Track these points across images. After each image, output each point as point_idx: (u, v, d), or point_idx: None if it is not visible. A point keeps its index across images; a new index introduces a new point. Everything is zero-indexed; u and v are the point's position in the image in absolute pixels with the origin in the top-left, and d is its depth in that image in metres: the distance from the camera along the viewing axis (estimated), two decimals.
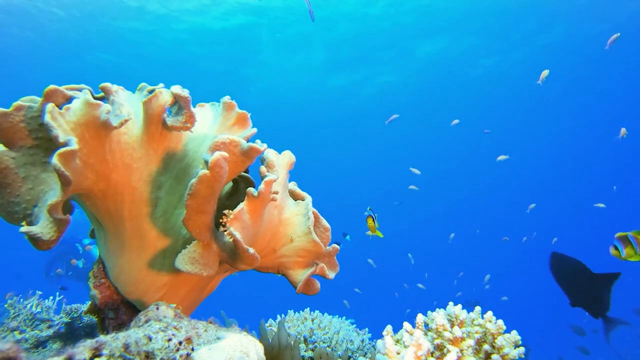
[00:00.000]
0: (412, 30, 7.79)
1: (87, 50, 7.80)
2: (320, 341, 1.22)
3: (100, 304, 0.76)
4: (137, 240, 0.74)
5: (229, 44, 7.94)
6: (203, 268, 0.65)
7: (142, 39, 7.53)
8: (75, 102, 0.64)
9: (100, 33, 7.18)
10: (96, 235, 0.81)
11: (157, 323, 0.57)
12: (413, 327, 0.75)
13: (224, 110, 0.81)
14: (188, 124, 0.71)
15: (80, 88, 0.71)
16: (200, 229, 0.64)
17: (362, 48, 8.37)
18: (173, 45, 7.80)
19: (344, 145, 13.03)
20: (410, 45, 8.35)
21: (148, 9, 6.69)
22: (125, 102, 0.74)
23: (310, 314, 1.35)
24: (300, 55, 8.62)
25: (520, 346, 0.71)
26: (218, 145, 0.64)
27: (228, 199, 0.88)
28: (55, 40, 7.26)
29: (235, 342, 0.56)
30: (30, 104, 0.68)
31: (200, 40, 7.73)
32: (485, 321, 0.76)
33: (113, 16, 6.80)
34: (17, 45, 7.23)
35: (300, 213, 0.83)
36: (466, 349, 0.71)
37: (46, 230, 0.58)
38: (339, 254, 0.86)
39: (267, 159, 0.76)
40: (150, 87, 0.74)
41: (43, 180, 0.67)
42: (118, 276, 0.75)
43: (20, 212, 0.66)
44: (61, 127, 0.59)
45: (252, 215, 0.68)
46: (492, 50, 8.51)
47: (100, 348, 0.46)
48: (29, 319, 1.50)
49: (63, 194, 0.58)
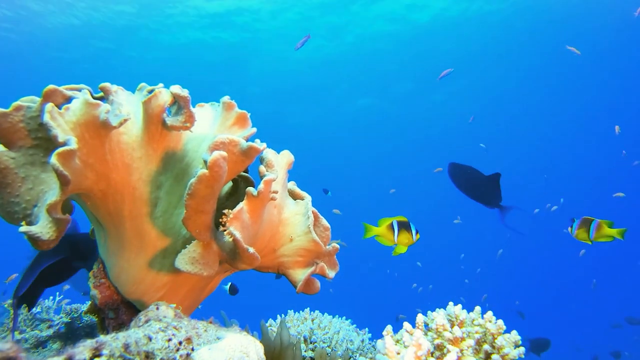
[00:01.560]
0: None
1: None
2: (320, 341, 1.22)
3: (100, 304, 0.76)
4: (137, 240, 0.74)
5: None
6: (203, 268, 0.65)
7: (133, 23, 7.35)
8: (74, 102, 0.64)
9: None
10: (96, 235, 0.81)
11: (157, 323, 0.57)
12: (413, 327, 0.75)
13: (223, 110, 0.81)
14: (188, 123, 0.71)
15: (79, 88, 0.71)
16: (200, 228, 0.64)
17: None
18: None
19: (343, 145, 13.04)
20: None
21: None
22: (125, 102, 0.74)
23: (310, 314, 1.35)
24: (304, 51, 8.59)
25: (520, 346, 0.71)
26: (217, 144, 0.64)
27: (228, 199, 0.88)
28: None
29: (236, 342, 0.56)
30: (30, 104, 0.67)
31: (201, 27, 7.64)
32: (485, 321, 0.76)
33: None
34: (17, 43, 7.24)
35: (299, 212, 0.83)
36: (466, 349, 0.71)
37: (45, 230, 0.58)
38: (338, 254, 0.86)
39: (266, 158, 0.75)
40: (149, 87, 0.74)
41: (43, 180, 0.67)
42: (118, 276, 0.75)
43: (19, 212, 0.66)
44: (60, 126, 0.59)
45: (251, 215, 0.68)
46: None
47: (100, 348, 0.46)
48: (29, 319, 1.50)
49: (62, 194, 0.58)
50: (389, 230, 1.36)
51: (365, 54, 8.99)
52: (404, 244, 1.36)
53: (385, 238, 1.37)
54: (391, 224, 1.37)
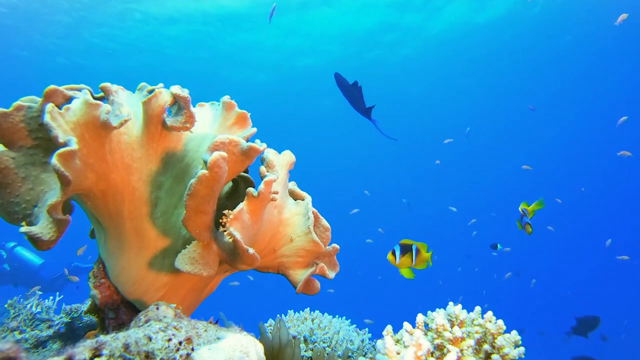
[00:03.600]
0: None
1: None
2: (320, 341, 1.22)
3: (100, 304, 0.76)
4: (137, 241, 0.74)
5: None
6: (203, 268, 0.65)
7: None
8: (75, 102, 0.64)
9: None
10: (96, 236, 0.81)
11: (157, 323, 0.57)
12: (413, 327, 0.75)
13: (223, 110, 0.81)
14: (188, 123, 0.71)
15: (79, 88, 0.71)
16: (200, 229, 0.64)
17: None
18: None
19: (343, 144, 13.04)
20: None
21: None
22: (125, 102, 0.74)
23: (310, 314, 1.35)
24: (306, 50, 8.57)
25: (520, 346, 0.71)
26: (217, 145, 0.64)
27: (228, 199, 0.88)
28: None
29: (235, 342, 0.56)
30: (30, 104, 0.68)
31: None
32: (485, 321, 0.76)
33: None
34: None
35: (300, 213, 0.83)
36: (466, 349, 0.71)
37: (46, 231, 0.58)
38: (338, 254, 0.86)
39: (266, 158, 0.76)
40: (150, 87, 0.74)
41: (43, 181, 0.67)
42: (118, 276, 0.75)
43: (20, 212, 0.66)
44: (61, 127, 0.59)
45: (252, 215, 0.68)
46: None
47: (100, 348, 0.46)
48: (29, 319, 1.50)
49: (62, 194, 0.58)
50: (393, 255, 1.42)
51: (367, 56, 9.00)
52: (406, 266, 1.40)
53: (392, 262, 1.42)
54: (393, 249, 1.42)
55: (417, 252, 1.40)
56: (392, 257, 1.40)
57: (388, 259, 1.41)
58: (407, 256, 1.39)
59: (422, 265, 1.41)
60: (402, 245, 1.41)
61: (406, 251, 1.40)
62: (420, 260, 1.40)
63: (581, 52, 8.57)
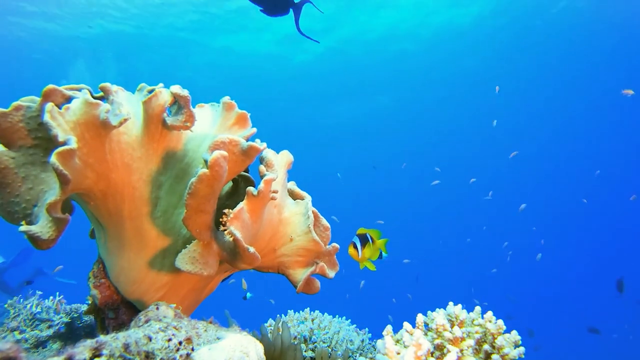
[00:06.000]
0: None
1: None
2: (320, 341, 1.22)
3: (100, 304, 0.76)
4: (137, 240, 0.73)
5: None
6: (203, 267, 0.65)
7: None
8: (74, 101, 0.64)
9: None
10: (96, 235, 0.81)
11: (157, 323, 0.57)
12: (413, 327, 0.75)
13: (223, 110, 0.81)
14: (188, 123, 0.71)
15: (79, 88, 0.71)
16: (200, 228, 0.64)
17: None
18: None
19: (343, 144, 13.04)
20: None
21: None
22: (125, 102, 0.74)
23: (310, 314, 1.35)
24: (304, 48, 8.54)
25: (520, 346, 0.71)
26: (218, 144, 0.64)
27: (228, 199, 0.88)
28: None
29: (235, 342, 0.56)
30: (29, 103, 0.67)
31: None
32: (485, 321, 0.76)
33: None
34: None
35: (299, 212, 0.83)
36: (466, 349, 0.71)
37: (45, 230, 0.58)
38: (338, 253, 0.86)
39: (266, 158, 0.75)
40: (149, 87, 0.74)
41: (43, 180, 0.67)
42: (118, 276, 0.75)
43: (20, 211, 0.66)
44: (60, 126, 0.59)
45: (252, 215, 0.68)
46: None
47: (100, 348, 0.46)
48: (29, 319, 1.49)
49: (62, 193, 0.57)
50: (355, 248, 1.28)
51: (366, 57, 9.00)
52: (364, 259, 1.27)
53: (354, 257, 1.28)
54: (353, 242, 1.27)
55: (372, 241, 1.27)
56: (354, 251, 1.25)
57: (350, 254, 1.26)
58: (367, 247, 1.26)
59: (376, 254, 1.28)
60: (360, 236, 1.27)
61: (364, 242, 1.26)
62: (374, 249, 1.27)
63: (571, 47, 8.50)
